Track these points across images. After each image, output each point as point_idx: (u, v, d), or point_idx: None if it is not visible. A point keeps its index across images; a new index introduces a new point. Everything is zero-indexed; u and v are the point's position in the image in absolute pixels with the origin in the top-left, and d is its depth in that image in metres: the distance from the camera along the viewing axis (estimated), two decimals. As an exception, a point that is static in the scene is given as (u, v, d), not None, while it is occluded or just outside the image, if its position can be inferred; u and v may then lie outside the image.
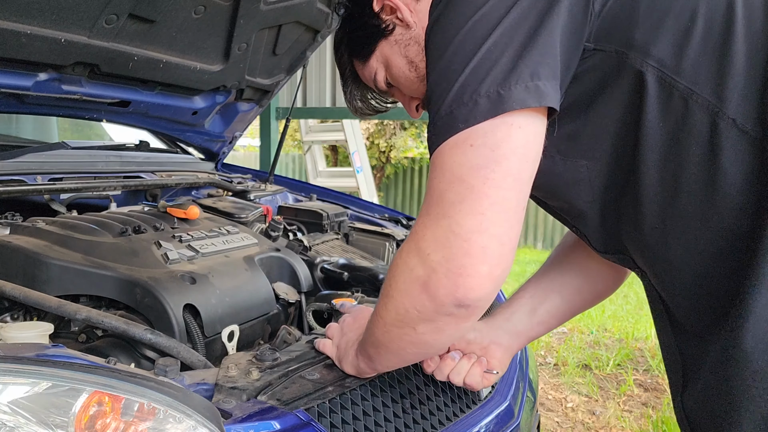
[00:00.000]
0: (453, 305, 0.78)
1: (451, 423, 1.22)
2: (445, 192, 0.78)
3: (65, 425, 0.79)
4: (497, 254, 0.76)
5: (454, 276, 0.76)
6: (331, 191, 2.69)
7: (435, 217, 0.78)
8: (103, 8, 1.58)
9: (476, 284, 0.76)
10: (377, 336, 0.94)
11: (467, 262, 0.75)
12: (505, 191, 0.76)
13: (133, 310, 1.27)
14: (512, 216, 0.77)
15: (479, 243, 0.75)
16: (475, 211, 0.75)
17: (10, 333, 1.06)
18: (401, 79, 1.12)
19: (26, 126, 2.62)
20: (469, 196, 0.75)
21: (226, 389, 1.00)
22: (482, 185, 0.75)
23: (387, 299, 0.87)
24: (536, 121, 0.79)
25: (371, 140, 12.22)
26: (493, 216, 0.75)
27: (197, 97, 2.28)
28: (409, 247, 0.82)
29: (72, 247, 1.36)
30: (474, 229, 0.75)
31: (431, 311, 0.81)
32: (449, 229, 0.76)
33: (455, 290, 0.77)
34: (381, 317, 0.90)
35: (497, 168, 0.76)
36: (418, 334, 0.86)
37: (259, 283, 1.50)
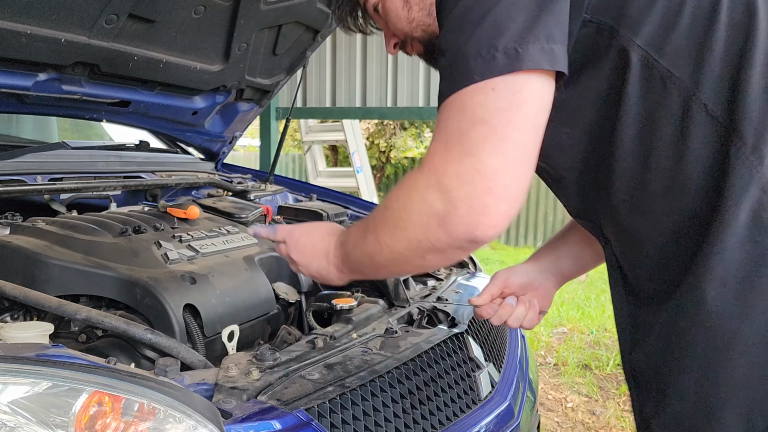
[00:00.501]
0: (467, 241, 0.81)
1: (451, 423, 1.22)
2: (468, 131, 0.79)
3: (65, 425, 0.79)
4: (515, 194, 0.79)
5: (476, 214, 0.78)
6: (331, 191, 2.69)
7: (458, 155, 0.80)
8: (103, 8, 1.58)
9: (495, 222, 0.79)
10: (378, 260, 0.96)
11: (490, 200, 0.78)
12: (525, 134, 0.79)
13: (133, 310, 1.27)
14: (529, 158, 0.81)
15: (502, 182, 0.78)
16: (499, 150, 0.78)
17: (10, 333, 1.06)
18: (391, 13, 1.09)
19: (26, 126, 2.62)
20: (493, 136, 0.78)
21: (226, 389, 1.00)
22: (505, 127, 0.78)
23: (397, 230, 0.89)
24: (548, 81, 0.82)
25: (371, 140, 12.22)
26: (515, 157, 0.78)
27: (197, 97, 2.28)
28: (428, 181, 0.83)
29: (72, 247, 1.36)
30: (498, 168, 0.77)
31: (444, 245, 0.83)
32: (473, 168, 0.78)
33: (475, 228, 0.79)
34: (387, 245, 0.91)
35: (519, 111, 0.79)
36: (425, 261, 0.90)
37: (259, 283, 1.50)
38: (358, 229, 1.02)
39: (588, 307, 5.64)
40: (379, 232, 0.93)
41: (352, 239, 1.03)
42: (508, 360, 1.65)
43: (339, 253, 1.06)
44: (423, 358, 1.28)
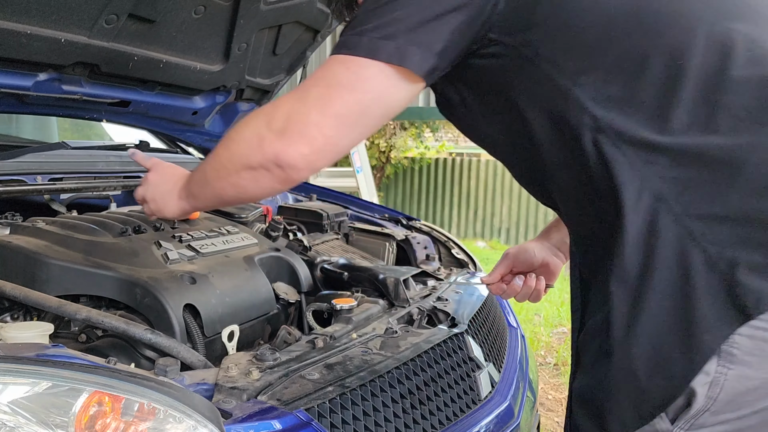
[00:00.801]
0: (272, 163, 0.96)
1: (451, 423, 1.22)
2: (312, 87, 0.95)
3: (65, 425, 0.79)
4: (320, 148, 0.93)
5: (283, 144, 0.94)
6: (331, 191, 2.69)
7: (295, 99, 0.95)
8: (103, 8, 1.58)
9: (295, 157, 0.93)
10: (207, 173, 1.10)
11: (296, 142, 0.93)
12: (349, 111, 0.92)
13: (133, 310, 1.27)
14: (345, 130, 0.93)
15: (312, 133, 0.92)
16: (322, 111, 0.92)
17: (10, 333, 1.06)
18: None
19: (26, 126, 2.62)
20: (324, 98, 0.92)
21: (226, 389, 1.00)
22: (337, 97, 0.92)
23: (229, 141, 1.04)
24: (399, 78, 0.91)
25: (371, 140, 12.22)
26: (332, 122, 0.92)
27: (197, 97, 2.29)
28: (268, 110, 0.99)
29: (72, 247, 1.36)
30: (314, 122, 0.92)
31: (256, 161, 0.98)
32: (298, 111, 0.93)
33: (278, 152, 0.94)
34: (217, 155, 1.07)
35: (353, 93, 0.92)
36: (239, 178, 1.02)
37: (259, 283, 1.50)
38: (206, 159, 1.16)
39: (588, 307, 5.62)
40: (216, 148, 1.08)
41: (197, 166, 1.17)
42: (508, 360, 1.65)
43: (185, 181, 1.22)
44: (423, 358, 1.28)
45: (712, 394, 0.80)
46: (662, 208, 0.83)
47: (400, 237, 2.16)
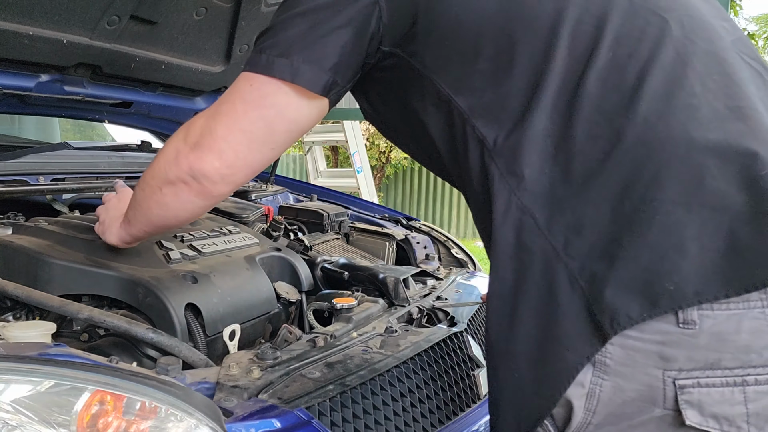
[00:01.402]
0: (188, 174, 1.00)
1: (450, 421, 1.23)
2: (222, 103, 0.99)
3: (67, 424, 0.79)
4: (231, 162, 0.98)
5: (195, 156, 0.98)
6: (331, 191, 2.69)
7: (209, 115, 0.99)
8: (105, 10, 1.59)
9: (207, 169, 0.98)
10: (137, 195, 1.13)
11: (206, 154, 0.98)
12: (254, 127, 0.96)
13: (135, 310, 1.28)
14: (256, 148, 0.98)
15: (219, 147, 0.97)
16: (230, 127, 0.96)
17: (13, 332, 1.06)
18: None
19: (28, 126, 2.62)
20: (230, 115, 0.97)
21: (227, 388, 1.01)
22: (242, 113, 0.96)
23: (153, 162, 1.07)
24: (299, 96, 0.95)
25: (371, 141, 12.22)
26: (239, 137, 0.96)
27: (199, 98, 2.29)
28: (186, 125, 1.03)
29: (74, 247, 1.37)
30: (221, 136, 0.97)
31: (173, 174, 1.02)
32: (208, 127, 0.98)
33: (192, 163, 0.99)
34: (144, 176, 1.10)
35: (257, 109, 0.96)
36: (162, 195, 1.05)
37: (261, 282, 1.51)
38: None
39: (589, 307, 5.62)
40: (145, 173, 1.11)
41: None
42: (507, 359, 1.65)
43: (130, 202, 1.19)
44: (423, 357, 1.29)
45: (590, 406, 0.80)
46: (528, 222, 0.83)
47: (400, 237, 2.16)
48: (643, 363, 0.77)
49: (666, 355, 0.76)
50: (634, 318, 0.75)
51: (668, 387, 0.77)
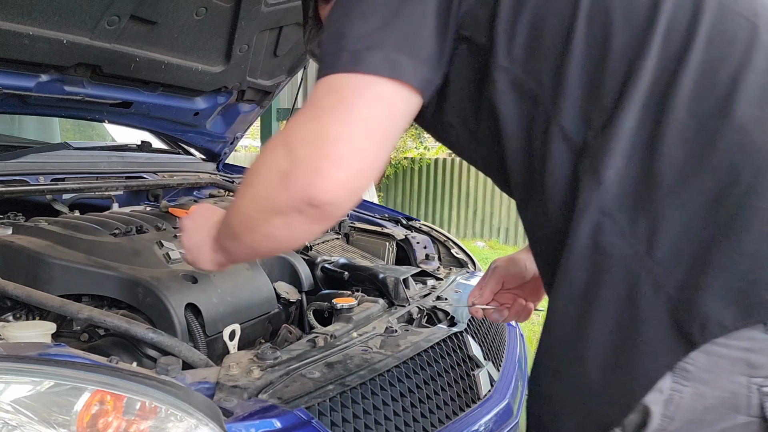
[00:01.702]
0: (304, 202, 0.80)
1: (450, 421, 1.23)
2: (321, 99, 0.82)
3: (67, 424, 0.79)
4: (355, 167, 0.78)
5: (311, 174, 0.78)
6: (331, 191, 2.69)
7: (308, 118, 0.82)
8: (104, 10, 1.59)
9: (330, 187, 0.78)
10: (234, 227, 0.95)
11: (325, 165, 0.77)
12: (369, 112, 0.80)
13: (135, 310, 1.28)
14: (379, 139, 0.81)
15: (340, 150, 0.77)
16: (343, 120, 0.78)
17: (13, 332, 1.06)
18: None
19: (29, 127, 2.63)
20: (341, 106, 0.80)
21: (227, 388, 1.01)
22: (354, 98, 0.80)
23: (247, 188, 0.89)
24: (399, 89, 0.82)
25: (372, 140, 12.20)
26: (358, 130, 0.78)
27: (199, 98, 2.29)
28: (278, 142, 0.84)
29: (74, 247, 1.37)
30: (338, 136, 0.78)
31: (284, 204, 0.82)
32: (318, 131, 0.79)
33: (308, 187, 0.78)
34: (238, 206, 0.93)
35: (369, 89, 0.80)
36: (270, 227, 0.87)
37: (261, 282, 1.51)
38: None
39: (589, 307, 5.62)
40: (238, 193, 0.94)
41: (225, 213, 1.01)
42: (507, 358, 1.66)
43: (218, 228, 1.04)
44: (422, 357, 1.29)
45: (668, 413, 0.77)
46: (607, 224, 0.79)
47: (400, 237, 2.16)
48: (728, 370, 0.75)
49: (753, 362, 0.74)
50: (728, 326, 0.73)
51: (753, 394, 0.75)
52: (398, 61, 0.81)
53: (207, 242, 1.06)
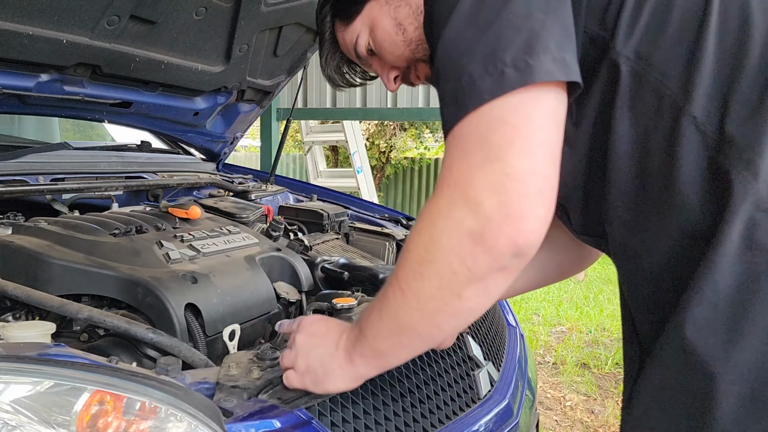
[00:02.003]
0: (511, 255, 0.72)
1: (450, 421, 1.23)
2: (489, 135, 0.72)
3: (67, 424, 0.79)
4: (550, 196, 0.73)
5: (514, 221, 0.70)
6: (331, 191, 2.70)
7: (481, 162, 0.71)
8: (104, 9, 1.59)
9: (536, 227, 0.71)
10: (401, 318, 0.81)
11: (526, 204, 0.70)
12: (549, 131, 0.73)
13: (135, 310, 1.28)
14: (556, 158, 0.74)
15: (535, 185, 0.71)
16: (526, 151, 0.71)
17: (12, 332, 1.06)
18: (386, 44, 1.07)
19: (28, 126, 2.62)
20: (518, 137, 0.71)
21: (227, 388, 1.01)
22: (527, 125, 0.71)
23: (424, 266, 0.77)
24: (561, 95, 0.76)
25: (371, 141, 12.22)
26: (543, 157, 0.72)
27: (199, 98, 2.29)
28: (452, 199, 0.74)
29: (74, 247, 1.37)
30: (528, 170, 0.70)
31: (486, 267, 0.73)
32: (502, 173, 0.70)
33: (517, 236, 0.71)
34: (414, 291, 0.79)
35: (539, 108, 0.72)
36: (462, 301, 0.76)
37: (260, 282, 1.51)
38: (374, 301, 0.87)
39: (586, 306, 5.64)
40: (402, 278, 0.80)
41: (368, 310, 0.88)
42: (507, 359, 1.66)
43: (352, 334, 0.90)
44: (422, 357, 1.29)
45: None
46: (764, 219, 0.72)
47: (400, 237, 2.16)
48: None
49: None
50: None
51: None
52: (566, 61, 0.74)
53: (337, 356, 0.91)
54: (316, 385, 0.94)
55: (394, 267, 1.68)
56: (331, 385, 0.93)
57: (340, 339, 0.92)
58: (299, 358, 0.95)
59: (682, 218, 0.78)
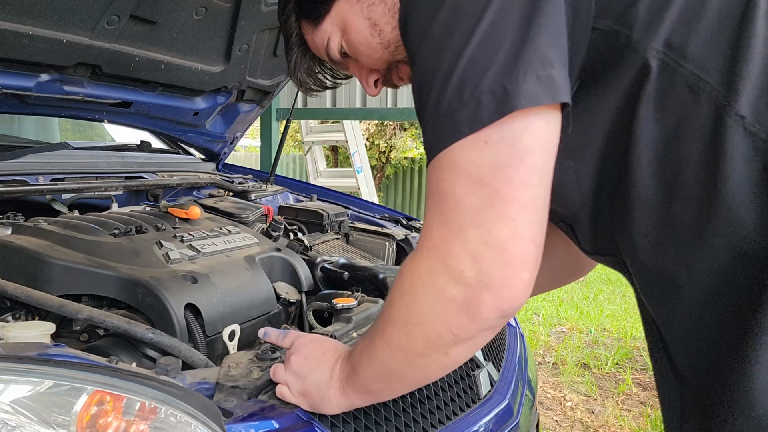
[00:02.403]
0: (497, 318, 0.70)
1: (450, 422, 1.23)
2: (466, 198, 0.67)
3: (67, 424, 0.79)
4: (535, 258, 0.68)
5: (497, 289, 0.68)
6: (331, 191, 2.69)
7: (459, 228, 0.68)
8: (104, 9, 1.59)
9: (521, 293, 0.69)
10: (392, 369, 0.81)
11: (508, 273, 0.67)
12: (534, 189, 0.67)
13: (135, 310, 1.28)
14: (543, 214, 0.69)
15: (517, 250, 0.67)
16: (506, 216, 0.66)
17: (12, 332, 1.06)
18: (361, 47, 0.95)
19: (28, 126, 2.62)
20: (497, 201, 0.66)
21: (227, 388, 1.01)
22: (508, 187, 0.66)
23: (410, 327, 0.75)
24: (551, 115, 0.69)
25: (371, 141, 12.22)
26: (525, 219, 0.67)
27: (198, 98, 2.29)
28: (432, 265, 0.71)
29: (74, 247, 1.37)
30: (509, 236, 0.66)
31: (472, 330, 0.72)
32: (481, 241, 0.67)
33: (501, 304, 0.68)
34: (400, 348, 0.78)
35: (521, 165, 0.66)
36: (450, 358, 0.76)
37: (260, 282, 1.50)
38: (365, 339, 0.86)
39: (586, 306, 5.64)
40: (388, 334, 0.79)
41: (359, 351, 0.87)
42: (507, 359, 1.65)
43: (345, 367, 0.89)
44: (423, 358, 1.29)
45: None
46: None
47: (400, 237, 2.16)
48: None
49: None
50: None
51: None
52: (552, 79, 0.66)
53: (332, 385, 0.91)
54: (311, 407, 0.95)
55: (393, 267, 1.63)
56: (326, 409, 0.94)
57: (334, 367, 0.92)
58: (295, 380, 0.96)
59: (731, 236, 0.69)
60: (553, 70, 0.66)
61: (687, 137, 0.70)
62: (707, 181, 0.69)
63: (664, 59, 0.70)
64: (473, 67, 0.66)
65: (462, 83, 0.67)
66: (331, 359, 0.93)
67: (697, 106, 0.69)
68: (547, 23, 0.66)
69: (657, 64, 0.71)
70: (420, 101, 0.74)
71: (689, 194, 0.71)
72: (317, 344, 0.97)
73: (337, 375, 0.91)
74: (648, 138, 0.73)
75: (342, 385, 0.90)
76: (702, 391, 0.74)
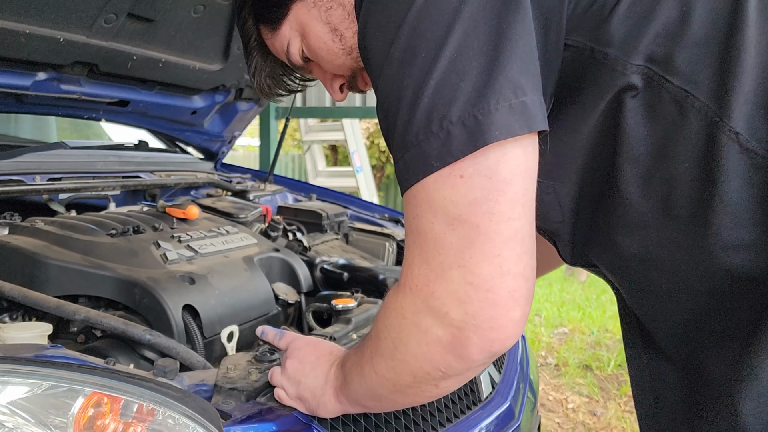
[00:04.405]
0: (487, 357, 0.67)
1: (451, 424, 1.22)
2: (445, 236, 0.63)
3: (64, 426, 0.78)
4: (525, 292, 0.64)
5: (485, 331, 0.64)
6: (330, 191, 2.69)
7: (441, 268, 0.64)
8: (101, 8, 1.58)
9: (511, 332, 0.65)
10: (382, 394, 0.80)
11: (496, 313, 0.63)
12: (517, 221, 0.62)
13: (132, 311, 1.27)
14: (530, 244, 0.65)
15: (504, 288, 0.62)
16: (490, 253, 0.62)
17: (9, 333, 1.05)
18: (322, 53, 0.91)
19: (25, 126, 2.62)
20: (478, 238, 0.61)
21: (225, 390, 1.00)
22: (489, 222, 0.61)
23: (396, 363, 0.73)
24: (528, 141, 0.64)
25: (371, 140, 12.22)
26: (511, 254, 0.62)
27: (196, 97, 2.28)
28: (415, 306, 0.67)
29: (71, 248, 1.36)
30: (494, 274, 0.62)
31: (461, 369, 0.69)
32: (465, 281, 0.62)
33: (490, 345, 0.65)
34: (389, 379, 0.76)
35: (501, 198, 0.61)
36: (440, 389, 0.74)
37: (259, 283, 1.50)
38: (356, 353, 0.84)
39: (588, 307, 5.64)
40: (376, 364, 0.77)
41: (350, 365, 0.85)
42: (508, 361, 1.65)
43: (340, 374, 0.88)
44: (423, 359, 1.28)
45: None
46: None
47: (400, 237, 2.16)
48: None
49: None
50: None
51: None
52: (526, 106, 0.61)
53: (327, 391, 0.89)
54: (308, 411, 0.95)
55: (393, 267, 1.62)
56: (323, 413, 0.93)
57: (329, 372, 0.90)
58: (290, 385, 0.95)
59: (729, 258, 0.66)
60: (526, 97, 0.61)
61: (676, 155, 0.67)
62: (701, 200, 0.66)
63: (648, 74, 0.67)
64: (439, 96, 0.62)
65: (429, 113, 0.62)
66: (326, 364, 0.92)
67: (685, 122, 0.66)
68: (516, 47, 0.62)
69: (640, 80, 0.67)
70: (387, 130, 0.69)
71: (682, 213, 0.68)
72: (311, 348, 0.96)
73: (331, 381, 0.89)
74: (634, 157, 0.69)
75: (336, 392, 0.89)
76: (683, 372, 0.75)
